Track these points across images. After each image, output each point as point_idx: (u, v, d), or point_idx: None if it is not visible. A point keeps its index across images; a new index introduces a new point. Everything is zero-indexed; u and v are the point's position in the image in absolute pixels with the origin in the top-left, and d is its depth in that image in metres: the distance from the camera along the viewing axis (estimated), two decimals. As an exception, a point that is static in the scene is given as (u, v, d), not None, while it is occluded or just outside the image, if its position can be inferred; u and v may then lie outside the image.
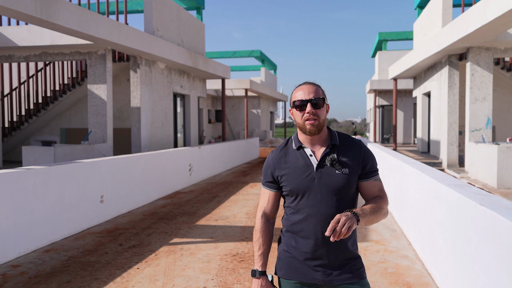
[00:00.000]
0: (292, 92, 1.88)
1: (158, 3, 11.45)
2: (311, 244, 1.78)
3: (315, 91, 1.81)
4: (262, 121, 29.12)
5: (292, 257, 1.83)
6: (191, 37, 14.08)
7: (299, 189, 1.80)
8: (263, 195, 1.96)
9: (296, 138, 1.90)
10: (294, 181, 1.81)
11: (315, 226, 1.77)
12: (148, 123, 11.07)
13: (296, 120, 1.82)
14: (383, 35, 23.66)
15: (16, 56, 10.42)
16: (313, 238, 1.78)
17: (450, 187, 3.35)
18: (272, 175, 1.89)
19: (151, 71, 11.27)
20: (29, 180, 4.82)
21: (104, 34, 8.62)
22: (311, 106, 1.78)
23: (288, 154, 1.88)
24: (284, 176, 1.84)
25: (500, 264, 2.31)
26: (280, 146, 1.94)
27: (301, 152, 1.84)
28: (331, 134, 1.89)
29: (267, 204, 1.93)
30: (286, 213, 1.90)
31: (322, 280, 1.79)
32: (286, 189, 1.84)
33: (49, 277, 4.02)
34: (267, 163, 1.93)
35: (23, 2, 6.58)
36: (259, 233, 1.91)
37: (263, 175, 1.95)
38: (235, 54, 28.68)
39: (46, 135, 13.10)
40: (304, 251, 1.79)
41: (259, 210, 1.95)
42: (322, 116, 1.80)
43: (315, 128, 1.79)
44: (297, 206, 1.82)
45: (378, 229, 5.77)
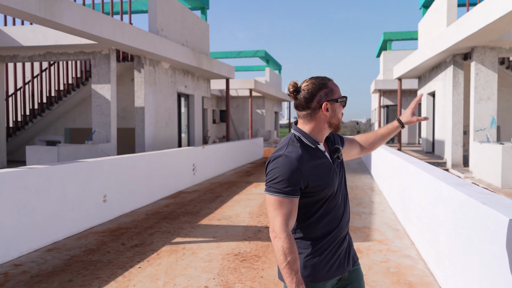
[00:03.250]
0: (328, 86, 1.76)
1: (163, 3, 11.47)
2: (339, 239, 1.79)
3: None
4: (266, 121, 29.10)
5: (327, 258, 1.75)
6: (196, 37, 14.09)
7: (331, 188, 1.73)
8: (282, 205, 1.64)
9: (307, 135, 1.76)
10: (326, 180, 1.71)
11: (340, 223, 1.78)
12: (152, 123, 11.09)
13: (337, 116, 1.77)
14: (388, 35, 23.58)
15: (21, 56, 10.48)
16: (340, 233, 1.79)
17: (453, 186, 3.32)
18: (303, 180, 1.65)
19: (155, 71, 11.29)
20: (31, 179, 4.84)
21: (108, 34, 8.65)
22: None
23: (311, 153, 1.72)
24: (319, 179, 1.69)
25: (502, 264, 2.28)
26: (294, 146, 1.72)
27: (318, 150, 1.76)
28: None
29: (292, 215, 1.65)
30: (306, 219, 1.74)
31: (349, 267, 1.84)
32: (320, 190, 1.69)
33: (51, 276, 4.03)
34: (292, 167, 1.64)
35: (27, 1, 6.60)
36: (292, 251, 1.61)
37: (284, 182, 1.63)
38: (240, 54, 28.69)
39: (50, 135, 13.16)
40: (333, 248, 1.77)
41: (283, 225, 1.62)
42: None
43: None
44: (326, 206, 1.74)
45: (381, 229, 5.75)
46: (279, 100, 34.13)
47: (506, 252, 2.21)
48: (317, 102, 1.73)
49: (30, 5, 6.68)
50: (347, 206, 1.85)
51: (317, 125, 1.76)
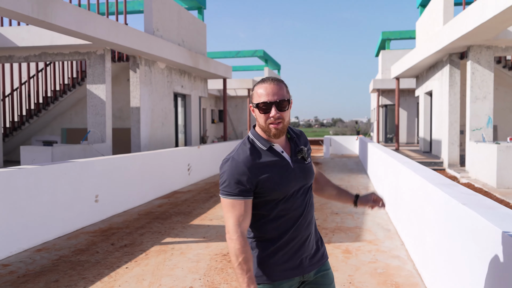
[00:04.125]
0: (254, 88, 1.72)
1: (158, 3, 11.46)
2: (296, 241, 1.74)
3: (280, 91, 1.69)
4: (265, 121, 29.03)
5: (281, 259, 1.73)
6: (192, 37, 14.08)
7: (284, 189, 1.69)
8: (234, 207, 1.66)
9: (259, 137, 1.74)
10: (278, 182, 1.68)
11: (299, 224, 1.74)
12: (147, 123, 11.08)
13: (259, 122, 1.71)
14: (387, 34, 23.54)
15: (16, 57, 10.48)
16: (298, 235, 1.74)
17: (437, 186, 3.31)
18: (251, 182, 1.66)
19: (151, 71, 11.29)
20: (20, 179, 4.84)
21: (102, 34, 8.64)
22: (276, 109, 1.67)
23: (260, 155, 1.71)
24: (267, 180, 1.67)
25: (482, 265, 2.26)
26: (243, 148, 1.72)
27: (272, 151, 1.73)
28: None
29: (243, 217, 1.66)
30: (259, 220, 1.73)
31: (310, 268, 1.79)
32: (269, 192, 1.68)
33: (38, 276, 4.02)
34: (238, 170, 1.66)
35: (19, 2, 6.60)
36: (243, 253, 1.61)
37: (231, 185, 1.66)
38: (239, 54, 28.66)
39: (47, 135, 13.16)
40: (289, 250, 1.74)
41: (235, 227, 1.64)
42: (286, 118, 1.71)
43: (280, 132, 1.70)
44: (279, 208, 1.71)
45: (373, 229, 5.73)
46: (278, 100, 34.07)
47: (485, 253, 2.19)
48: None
49: (22, 6, 6.67)
50: (308, 208, 1.79)
51: (260, 127, 1.75)
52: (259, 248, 1.75)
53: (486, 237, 2.14)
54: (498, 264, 2.00)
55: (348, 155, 19.11)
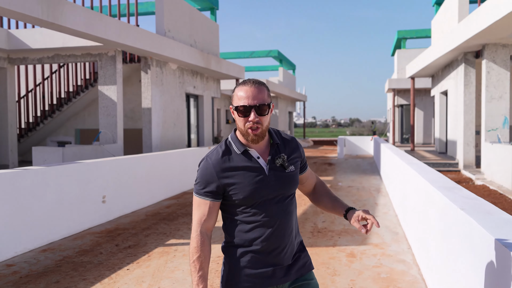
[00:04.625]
0: (234, 90, 1.69)
1: (170, 5, 11.51)
2: (267, 249, 1.69)
3: (260, 95, 1.64)
4: (280, 121, 28.98)
5: (246, 268, 1.70)
6: (205, 38, 14.11)
7: (253, 195, 1.66)
8: (199, 206, 1.70)
9: (236, 140, 1.72)
10: (247, 188, 1.65)
11: (270, 232, 1.68)
12: (159, 124, 11.14)
13: (238, 125, 1.68)
14: (402, 33, 23.19)
15: (30, 59, 10.65)
16: (269, 242, 1.68)
17: (439, 190, 3.21)
18: (217, 185, 1.66)
19: (162, 72, 11.34)
20: (26, 180, 4.89)
21: (112, 35, 8.71)
22: (255, 113, 1.63)
23: (233, 158, 1.69)
24: (234, 184, 1.66)
25: (477, 273, 2.17)
26: (219, 150, 1.71)
27: (247, 155, 1.69)
28: (270, 133, 1.78)
29: (206, 217, 1.69)
30: (232, 222, 1.72)
31: (285, 279, 1.74)
32: (237, 197, 1.66)
33: (40, 277, 4.06)
34: (207, 171, 1.68)
35: (29, 5, 6.69)
36: (199, 251, 1.65)
37: (199, 184, 1.70)
38: (253, 54, 28.65)
39: (61, 135, 13.36)
40: (259, 258, 1.70)
41: (196, 225, 1.69)
42: (265, 123, 1.66)
43: (258, 137, 1.67)
44: (249, 213, 1.68)
45: (380, 232, 5.62)
46: (293, 100, 33.96)
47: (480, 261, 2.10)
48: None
49: (32, 8, 6.77)
50: (285, 218, 1.72)
51: (239, 130, 1.71)
52: (229, 253, 1.74)
53: (480, 244, 2.05)
54: (491, 273, 1.91)
55: (362, 156, 18.89)
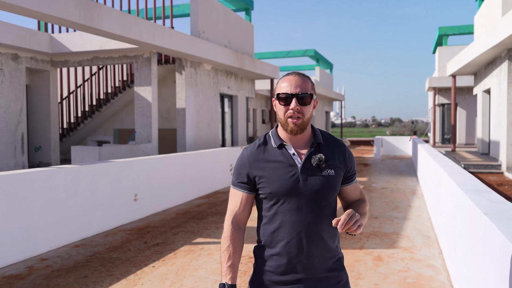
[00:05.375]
0: (278, 82, 1.67)
1: (204, 6, 11.66)
2: (291, 255, 1.61)
3: (304, 85, 1.61)
4: (316, 121, 28.72)
5: (270, 273, 1.64)
6: (239, 38, 14.19)
7: (281, 192, 1.61)
8: (233, 197, 1.72)
9: (275, 134, 1.69)
10: (276, 182, 1.61)
11: (296, 235, 1.60)
12: (193, 124, 11.31)
13: (279, 115, 1.64)
14: (444, 29, 22.37)
15: (71, 61, 11.10)
16: (293, 248, 1.60)
17: (466, 193, 3.07)
18: (248, 175, 1.66)
19: (196, 72, 11.50)
20: (59, 178, 5.09)
21: (147, 37, 8.93)
22: (297, 101, 1.59)
23: (267, 151, 1.67)
24: (264, 177, 1.63)
25: (496, 282, 2.06)
26: (257, 142, 1.72)
27: (282, 150, 1.65)
28: (314, 132, 1.72)
29: (238, 208, 1.70)
30: (262, 220, 1.69)
31: None
32: (265, 191, 1.63)
33: (70, 271, 4.21)
34: (242, 161, 1.70)
35: (68, 10, 6.97)
36: (228, 241, 1.66)
37: (234, 175, 1.72)
38: (289, 54, 28.53)
39: (101, 135, 13.83)
40: (283, 263, 1.62)
41: (229, 215, 1.71)
42: (307, 114, 1.62)
43: (298, 128, 1.61)
44: (277, 212, 1.63)
45: (411, 236, 5.45)
46: (330, 100, 33.56)
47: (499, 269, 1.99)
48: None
49: (70, 13, 7.04)
50: (318, 224, 1.61)
51: (279, 124, 1.70)
52: (257, 254, 1.71)
53: (500, 251, 1.94)
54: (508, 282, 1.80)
55: (400, 157, 18.40)
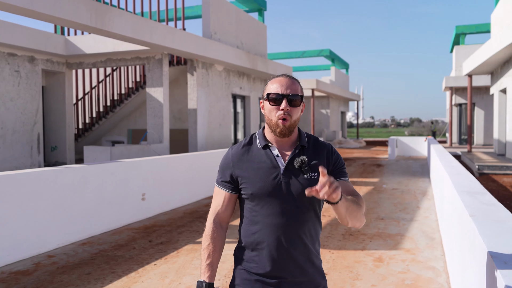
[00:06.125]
0: (267, 84, 1.68)
1: (216, 8, 11.76)
2: (271, 258, 1.60)
3: (293, 87, 1.62)
4: (331, 121, 28.59)
5: (249, 274, 1.63)
6: (251, 39, 14.25)
7: (262, 193, 1.60)
8: (217, 195, 1.73)
9: (261, 135, 1.69)
10: (257, 184, 1.60)
11: (277, 238, 1.59)
12: (204, 124, 11.41)
13: (267, 116, 1.63)
14: (461, 28, 22.01)
15: (86, 63, 11.32)
16: (273, 251, 1.59)
17: (460, 194, 3.06)
18: (231, 175, 1.67)
19: (208, 73, 11.61)
20: (67, 178, 5.23)
21: (158, 39, 9.05)
22: (287, 102, 1.59)
23: (252, 152, 1.67)
24: (246, 177, 1.63)
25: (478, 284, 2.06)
26: (242, 142, 1.72)
27: (266, 151, 1.65)
28: (301, 135, 1.70)
29: (221, 207, 1.71)
30: (243, 221, 1.68)
31: None
32: (247, 192, 1.63)
33: (74, 268, 4.33)
34: (226, 160, 1.71)
35: (79, 13, 7.13)
36: (209, 239, 1.68)
37: (219, 173, 1.73)
38: (304, 54, 28.47)
39: (115, 135, 14.07)
40: (263, 265, 1.61)
41: (211, 214, 1.73)
42: (295, 116, 1.61)
43: (286, 130, 1.60)
44: (258, 213, 1.62)
45: (415, 237, 5.41)
46: (346, 100, 33.36)
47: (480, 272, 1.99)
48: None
49: (81, 16, 7.20)
50: (296, 224, 1.60)
51: (265, 126, 1.70)
52: (237, 254, 1.71)
53: (480, 255, 1.94)
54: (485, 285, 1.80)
55: (415, 157, 18.18)
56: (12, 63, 10.05)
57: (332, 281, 3.93)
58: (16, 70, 10.15)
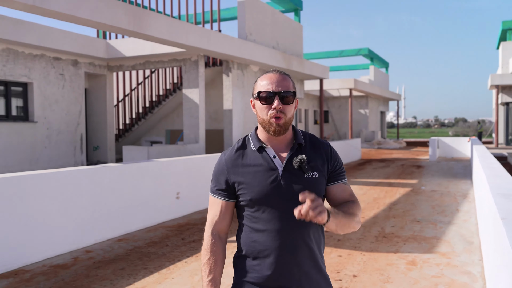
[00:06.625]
0: (257, 81, 1.59)
1: (252, 9, 11.83)
2: (275, 265, 1.52)
3: (285, 83, 1.53)
4: (370, 121, 28.06)
5: (251, 284, 1.56)
6: (287, 39, 14.23)
7: (262, 198, 1.52)
8: (213, 205, 1.63)
9: (255, 136, 1.61)
10: (256, 188, 1.52)
11: (280, 244, 1.51)
12: (240, 125, 11.51)
13: (259, 115, 1.55)
14: (507, 23, 21.00)
15: (125, 66, 11.70)
16: (277, 258, 1.52)
17: (495, 197, 2.93)
18: (227, 182, 1.58)
19: (243, 74, 11.70)
20: (104, 176, 5.43)
21: (193, 41, 9.22)
22: (279, 100, 1.50)
23: (246, 155, 1.58)
24: (243, 183, 1.55)
25: (508, 289, 1.97)
26: (235, 145, 1.63)
27: (262, 153, 1.56)
28: (296, 133, 1.62)
29: (218, 217, 1.61)
30: (242, 229, 1.60)
31: None
32: (245, 198, 1.55)
33: (109, 263, 4.49)
34: (220, 167, 1.62)
35: (118, 17, 7.39)
36: (209, 253, 1.59)
37: (213, 181, 1.64)
38: (342, 54, 28.08)
39: (154, 135, 14.44)
40: (266, 274, 1.53)
41: (208, 225, 1.63)
42: (289, 114, 1.53)
43: (281, 128, 1.52)
44: (258, 219, 1.54)
45: (452, 241, 5.22)
46: (385, 100, 32.62)
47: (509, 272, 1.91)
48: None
49: (120, 20, 7.46)
50: (302, 232, 1.53)
51: (259, 125, 1.61)
52: (237, 264, 1.63)
53: (509, 259, 1.86)
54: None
55: (458, 158, 17.52)
56: (57, 66, 10.54)
57: (362, 284, 3.87)
58: (61, 73, 10.63)
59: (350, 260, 4.52)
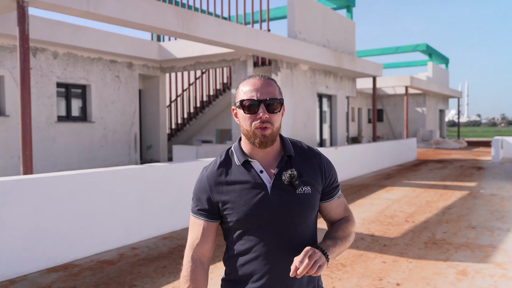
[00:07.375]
0: (238, 87, 1.43)
1: (301, 7, 11.70)
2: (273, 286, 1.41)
3: (270, 89, 1.38)
4: (427, 120, 26.87)
5: None
6: (339, 37, 13.94)
7: (249, 218, 1.38)
8: (193, 227, 1.47)
9: (238, 149, 1.45)
10: (242, 208, 1.38)
11: (272, 267, 1.39)
12: (288, 124, 11.43)
13: (242, 126, 1.40)
14: None
15: (177, 67, 12.00)
16: (270, 282, 1.40)
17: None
18: (209, 201, 1.43)
19: (292, 73, 11.60)
20: (151, 175, 5.58)
21: (241, 41, 9.27)
22: (265, 109, 1.36)
23: (230, 171, 1.43)
24: (228, 202, 1.40)
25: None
26: (217, 159, 1.47)
27: (247, 168, 1.42)
28: (284, 143, 1.47)
29: (200, 240, 1.45)
30: (229, 251, 1.47)
31: None
32: (231, 219, 1.40)
33: (153, 261, 4.61)
34: (201, 184, 1.46)
35: (168, 20, 7.58)
36: (188, 280, 1.42)
37: (193, 200, 1.48)
38: (398, 50, 27.09)
39: (204, 135, 14.72)
40: None
41: (188, 249, 1.46)
42: (276, 123, 1.39)
43: (267, 140, 1.38)
44: (246, 240, 1.41)
45: (510, 250, 4.85)
46: (445, 97, 31.10)
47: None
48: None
49: (170, 23, 7.65)
50: (295, 252, 1.38)
51: (243, 136, 1.45)
52: (225, 287, 1.51)
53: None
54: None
55: (525, 160, 16.33)
56: (113, 69, 11.02)
57: (405, 293, 3.68)
58: (117, 75, 11.10)
59: (394, 267, 4.32)
